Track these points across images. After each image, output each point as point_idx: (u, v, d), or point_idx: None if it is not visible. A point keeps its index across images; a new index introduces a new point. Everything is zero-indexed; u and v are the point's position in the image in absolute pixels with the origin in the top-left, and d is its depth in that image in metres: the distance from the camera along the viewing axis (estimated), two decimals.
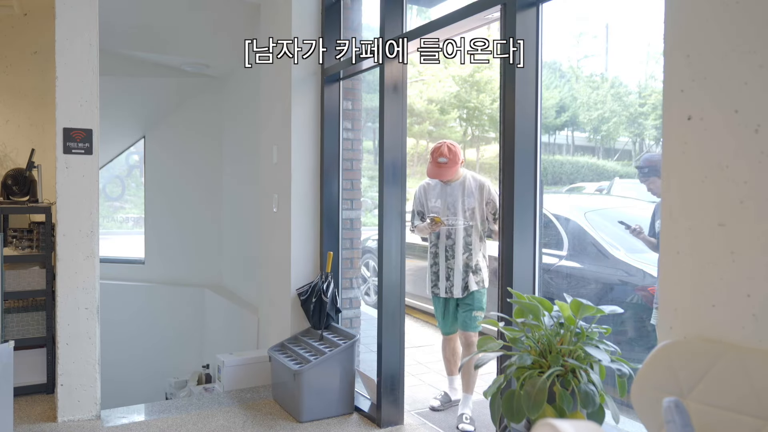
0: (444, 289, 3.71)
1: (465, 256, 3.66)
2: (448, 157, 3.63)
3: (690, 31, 1.63)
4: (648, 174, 3.59)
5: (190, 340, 6.20)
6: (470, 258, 3.66)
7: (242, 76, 5.64)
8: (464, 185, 3.71)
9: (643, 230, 3.66)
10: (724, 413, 1.46)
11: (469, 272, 3.66)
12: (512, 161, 2.48)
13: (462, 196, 3.68)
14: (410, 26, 3.46)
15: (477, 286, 3.66)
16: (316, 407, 3.55)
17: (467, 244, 3.67)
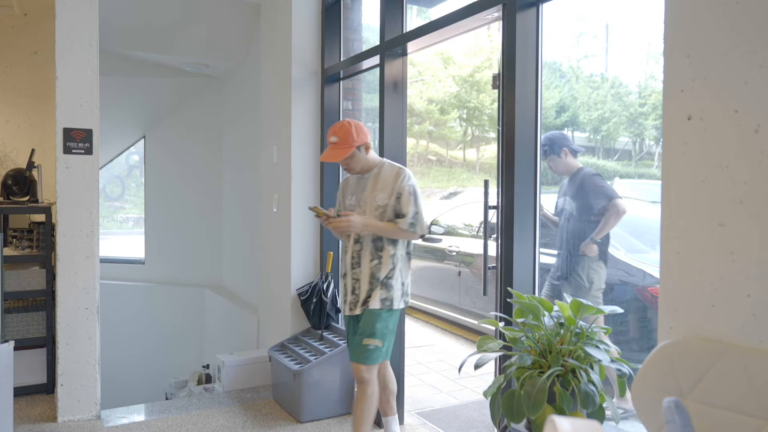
0: (349, 305, 2.97)
1: (373, 264, 2.90)
2: (339, 135, 2.87)
3: (690, 31, 1.63)
4: (548, 153, 3.56)
5: (190, 340, 6.20)
6: (378, 267, 2.89)
7: (242, 76, 5.64)
8: (378, 177, 2.94)
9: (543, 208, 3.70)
10: (724, 413, 1.46)
11: (376, 285, 2.89)
12: (512, 161, 2.48)
13: (373, 190, 2.93)
14: (410, 26, 3.46)
15: (379, 304, 2.85)
16: (316, 407, 3.55)
17: (377, 250, 2.91)
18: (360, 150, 2.90)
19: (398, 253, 2.94)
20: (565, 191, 3.70)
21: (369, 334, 2.85)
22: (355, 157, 2.90)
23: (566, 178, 3.69)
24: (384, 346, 2.88)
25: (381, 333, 2.85)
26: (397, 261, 2.93)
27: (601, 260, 3.66)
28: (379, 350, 2.86)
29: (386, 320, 2.87)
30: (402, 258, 2.95)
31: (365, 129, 2.94)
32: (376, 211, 2.89)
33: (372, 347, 2.84)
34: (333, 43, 4.09)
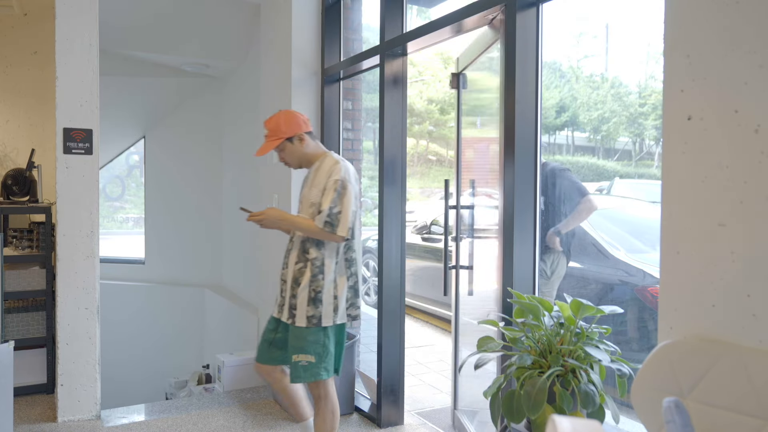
0: (277, 306, 2.75)
1: (297, 268, 2.64)
2: (268, 127, 2.71)
3: (690, 31, 1.63)
4: None
5: (190, 340, 6.20)
6: (302, 272, 2.61)
7: (242, 76, 5.64)
8: (317, 171, 2.69)
9: None
10: (724, 413, 1.46)
11: (298, 294, 2.61)
12: (512, 161, 2.48)
13: (311, 185, 2.70)
14: (410, 26, 3.46)
15: (306, 322, 2.58)
16: None
17: (303, 252, 2.63)
18: (292, 142, 2.68)
19: (326, 261, 2.61)
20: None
21: (298, 348, 2.60)
22: (287, 149, 2.70)
23: None
24: (320, 361, 2.60)
25: (313, 349, 2.59)
26: (326, 269, 2.60)
27: (565, 255, 3.62)
28: (314, 366, 2.59)
29: (316, 336, 2.61)
30: (332, 267, 2.62)
31: (301, 119, 2.72)
32: (310, 209, 2.63)
33: (304, 363, 2.59)
34: (333, 43, 4.08)
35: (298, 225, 2.62)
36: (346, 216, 2.55)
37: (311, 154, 2.74)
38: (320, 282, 2.60)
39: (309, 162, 2.75)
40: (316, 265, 2.61)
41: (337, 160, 2.68)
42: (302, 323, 2.59)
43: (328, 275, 2.61)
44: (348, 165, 2.67)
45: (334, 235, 2.54)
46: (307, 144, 2.72)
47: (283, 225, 2.69)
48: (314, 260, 2.61)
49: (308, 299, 2.59)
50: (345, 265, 2.66)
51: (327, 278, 2.60)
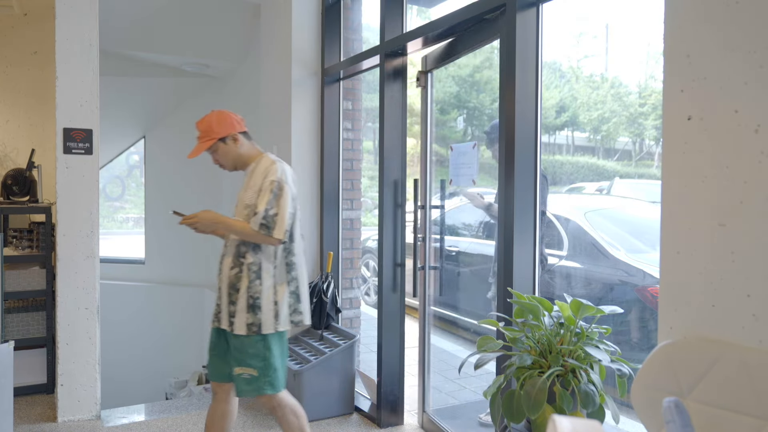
0: (214, 314, 2.61)
1: (233, 273, 2.52)
2: (200, 128, 2.61)
3: (690, 31, 1.63)
4: (494, 140, 3.40)
5: (190, 340, 6.20)
6: (239, 277, 2.50)
7: (242, 76, 5.64)
8: (253, 173, 2.60)
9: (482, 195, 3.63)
10: (724, 413, 1.47)
11: (237, 301, 2.49)
12: (512, 161, 2.48)
13: (246, 187, 2.60)
14: (410, 26, 3.46)
15: (245, 330, 2.46)
16: (316, 407, 3.55)
17: (239, 256, 2.52)
18: (226, 142, 2.58)
19: (263, 265, 2.49)
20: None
21: (240, 360, 2.48)
22: (220, 150, 2.59)
23: None
24: (263, 375, 2.47)
25: (254, 362, 2.47)
26: (264, 274, 2.48)
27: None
28: (258, 379, 2.47)
29: (256, 347, 2.47)
30: (271, 272, 2.50)
31: (234, 119, 2.62)
32: (245, 211, 2.53)
33: (247, 376, 2.47)
34: (333, 43, 4.09)
35: (233, 228, 2.51)
36: (282, 218, 2.44)
37: (246, 155, 2.63)
38: (258, 287, 2.47)
39: (244, 163, 2.64)
40: (252, 270, 2.49)
41: (273, 160, 2.57)
42: (241, 331, 2.46)
43: (267, 280, 2.49)
44: (285, 166, 2.57)
45: (270, 237, 2.43)
46: (242, 144, 2.62)
47: (218, 228, 2.57)
48: (251, 265, 2.49)
49: (247, 306, 2.46)
50: (285, 270, 2.54)
51: (265, 283, 2.49)
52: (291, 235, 2.53)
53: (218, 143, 2.58)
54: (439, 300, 6.52)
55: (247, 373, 2.47)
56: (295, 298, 2.56)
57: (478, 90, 9.74)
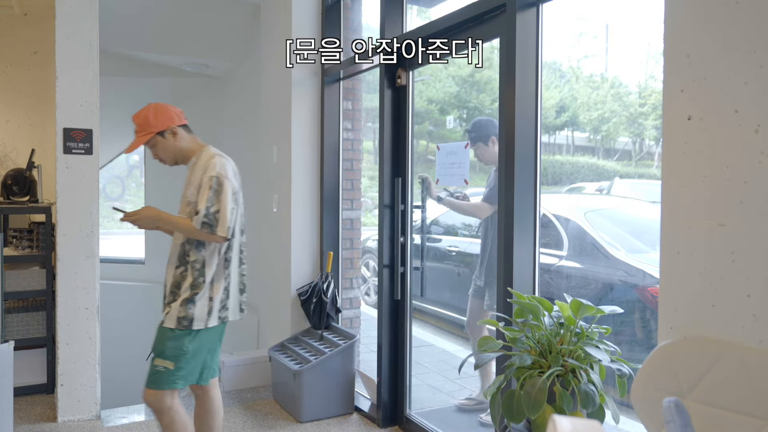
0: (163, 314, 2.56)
1: (178, 272, 2.51)
2: (136, 122, 2.57)
3: (690, 31, 1.63)
4: (475, 140, 3.39)
5: None
6: (184, 276, 2.48)
7: (242, 76, 5.64)
8: (194, 168, 2.54)
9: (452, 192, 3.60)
10: (724, 413, 1.46)
11: (176, 295, 2.47)
12: (512, 161, 2.48)
13: (188, 184, 2.55)
14: (410, 26, 3.46)
15: (175, 323, 2.42)
16: (316, 407, 3.55)
17: (184, 254, 2.50)
18: (164, 136, 2.51)
19: (207, 262, 2.45)
20: (490, 182, 3.55)
21: (158, 352, 2.43)
22: (159, 144, 2.53)
23: (493, 168, 3.55)
24: (178, 369, 2.42)
25: (173, 353, 2.41)
26: (207, 271, 2.45)
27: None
28: (170, 374, 2.41)
29: (181, 340, 2.42)
30: (213, 268, 2.47)
31: (173, 112, 2.55)
32: (187, 208, 2.48)
33: (161, 369, 2.41)
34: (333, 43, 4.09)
35: (176, 225, 2.48)
36: (224, 215, 2.39)
37: (187, 149, 2.56)
38: (200, 284, 2.44)
39: (185, 158, 2.58)
40: (196, 268, 2.45)
41: (213, 154, 2.51)
42: (171, 324, 2.42)
43: (208, 276, 2.46)
44: (225, 160, 2.50)
45: (214, 235, 2.38)
46: (181, 138, 2.55)
47: (161, 225, 2.55)
48: (194, 263, 2.46)
49: (183, 300, 2.43)
50: (223, 266, 2.50)
51: (207, 279, 2.46)
52: (233, 231, 2.47)
53: (156, 137, 2.53)
54: (440, 300, 6.53)
55: (163, 366, 2.42)
56: (226, 294, 2.52)
57: (478, 90, 9.74)
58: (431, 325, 6.40)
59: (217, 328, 2.53)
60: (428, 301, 6.67)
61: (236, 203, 2.49)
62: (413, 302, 3.55)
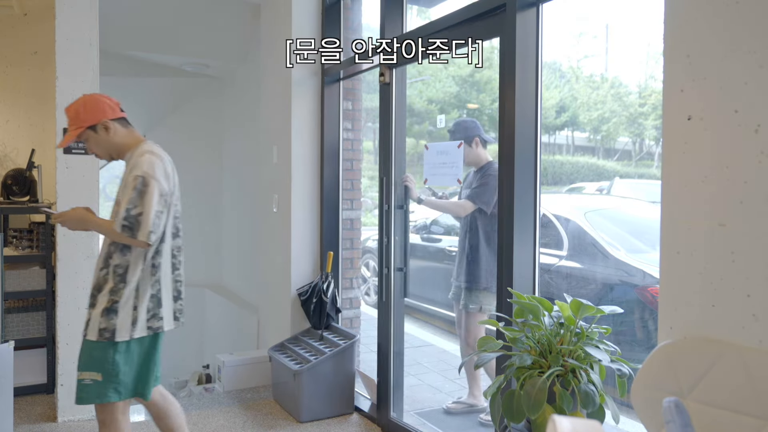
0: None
1: (101, 275, 2.33)
2: (68, 115, 2.39)
3: (690, 31, 1.63)
4: (457, 139, 3.37)
5: (190, 340, 6.19)
6: (105, 279, 2.30)
7: (242, 76, 5.64)
8: (127, 165, 2.39)
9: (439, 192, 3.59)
10: (724, 413, 1.46)
11: (95, 299, 2.31)
12: (512, 161, 2.48)
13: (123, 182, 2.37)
14: (410, 26, 3.45)
15: (96, 335, 2.27)
16: (316, 407, 3.55)
17: (107, 257, 2.32)
18: (96, 131, 2.34)
19: (130, 267, 2.28)
20: (469, 183, 3.54)
21: (84, 364, 2.28)
22: (91, 139, 2.36)
23: (472, 169, 3.55)
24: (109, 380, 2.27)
25: (99, 365, 2.27)
26: (129, 277, 2.28)
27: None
28: (100, 385, 2.26)
29: (105, 352, 2.27)
30: (137, 274, 2.29)
31: (106, 104, 2.38)
32: (116, 207, 2.33)
33: (88, 381, 2.26)
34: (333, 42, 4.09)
35: (100, 228, 2.34)
36: (147, 218, 2.21)
37: (122, 144, 2.38)
38: (121, 291, 2.27)
39: (120, 153, 2.40)
40: (118, 273, 2.28)
41: (144, 150, 2.32)
42: (92, 336, 2.27)
43: (131, 284, 2.29)
44: (157, 158, 2.30)
45: (135, 240, 2.22)
46: (115, 132, 2.37)
47: (88, 227, 2.38)
48: (116, 267, 2.29)
49: (103, 310, 2.26)
50: (150, 272, 2.32)
51: (129, 287, 2.29)
52: (157, 236, 2.29)
53: (87, 132, 2.36)
54: (440, 300, 6.53)
55: (90, 378, 2.27)
56: (156, 302, 2.36)
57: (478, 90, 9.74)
58: (431, 325, 6.40)
59: (148, 339, 2.39)
60: (428, 301, 6.67)
61: (165, 206, 2.30)
62: (415, 302, 3.52)
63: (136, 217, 2.21)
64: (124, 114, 2.45)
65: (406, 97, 3.47)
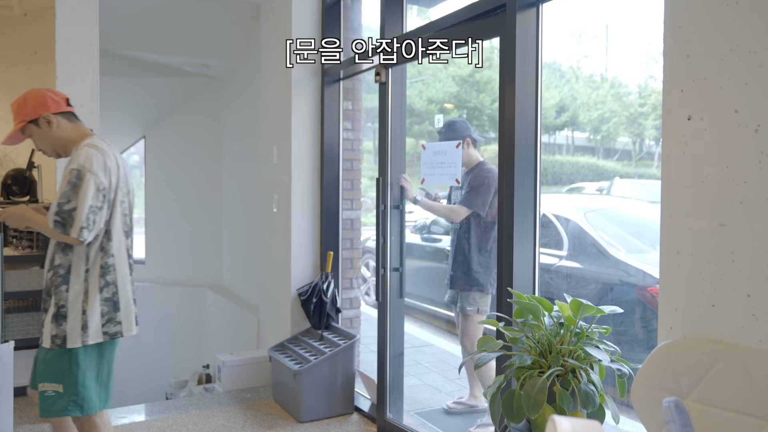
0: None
1: (49, 276, 2.23)
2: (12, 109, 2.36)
3: (690, 32, 1.63)
4: (447, 140, 3.37)
5: (190, 340, 6.20)
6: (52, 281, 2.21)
7: (242, 76, 5.64)
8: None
9: (436, 194, 3.58)
10: (724, 413, 1.47)
11: (47, 303, 2.22)
12: (512, 161, 2.48)
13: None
14: (410, 26, 3.45)
15: (49, 342, 2.18)
16: (316, 407, 3.55)
17: (52, 258, 2.23)
18: (38, 125, 2.26)
19: (72, 268, 2.18)
20: (463, 184, 3.53)
21: (43, 375, 2.19)
22: (35, 134, 2.27)
23: (464, 170, 3.53)
24: (69, 393, 2.17)
25: (58, 377, 2.17)
26: (72, 279, 2.18)
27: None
28: (61, 398, 2.17)
29: (60, 361, 2.18)
30: (81, 276, 2.19)
31: (49, 98, 2.30)
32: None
33: (50, 393, 2.17)
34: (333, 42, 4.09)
35: (38, 225, 2.21)
36: (80, 214, 2.10)
37: (66, 138, 2.29)
38: (64, 294, 2.17)
39: (66, 149, 2.31)
40: (59, 274, 2.18)
41: (84, 144, 2.22)
42: (46, 344, 2.18)
43: (75, 285, 2.18)
44: (97, 151, 2.19)
45: (67, 237, 2.11)
46: (59, 127, 2.28)
47: (31, 224, 2.26)
48: (58, 268, 2.19)
49: (52, 315, 2.17)
50: (99, 273, 2.21)
51: (73, 289, 2.18)
52: (108, 232, 2.21)
53: (30, 126, 2.27)
54: (440, 300, 6.52)
55: (52, 390, 2.18)
56: (111, 305, 2.24)
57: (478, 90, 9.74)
58: (431, 325, 6.40)
59: (105, 345, 2.28)
60: (428, 301, 6.67)
61: (104, 202, 2.17)
62: (415, 302, 3.51)
63: (70, 212, 2.11)
64: (71, 108, 2.37)
65: (405, 97, 3.47)
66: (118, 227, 2.27)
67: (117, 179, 2.25)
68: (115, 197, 2.25)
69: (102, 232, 2.22)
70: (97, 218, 2.16)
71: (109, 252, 2.24)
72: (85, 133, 2.34)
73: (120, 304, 2.27)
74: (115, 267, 2.25)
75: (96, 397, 2.25)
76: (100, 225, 2.18)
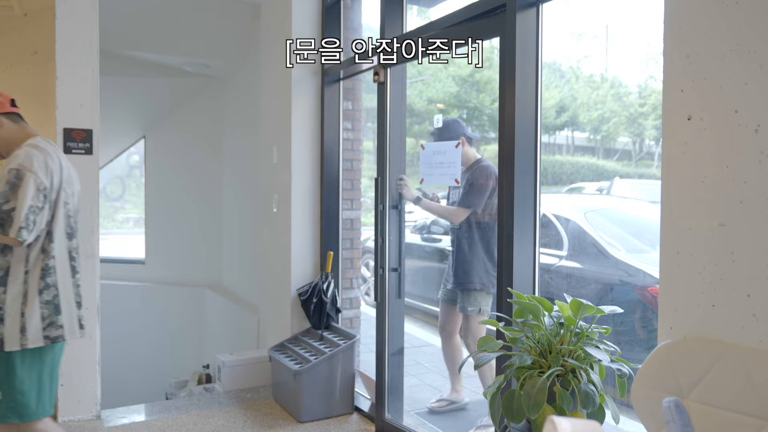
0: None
1: None
2: None
3: (690, 32, 1.63)
4: (442, 139, 3.36)
5: (190, 340, 6.20)
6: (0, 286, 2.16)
7: (242, 76, 5.64)
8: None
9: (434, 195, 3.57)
10: (724, 413, 1.47)
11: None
12: (512, 161, 2.48)
13: None
14: (410, 26, 3.45)
15: None
16: (316, 407, 3.55)
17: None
18: None
19: (12, 269, 2.14)
20: (461, 184, 3.51)
21: None
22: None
23: (461, 169, 3.52)
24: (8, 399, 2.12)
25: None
26: (10, 280, 2.14)
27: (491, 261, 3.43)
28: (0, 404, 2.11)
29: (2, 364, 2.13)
30: (21, 277, 2.15)
31: None
32: None
33: None
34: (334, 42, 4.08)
35: None
36: (19, 214, 2.06)
37: (10, 139, 2.26)
38: (0, 296, 2.12)
39: (9, 150, 2.26)
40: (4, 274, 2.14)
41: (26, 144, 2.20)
42: None
43: (13, 287, 2.14)
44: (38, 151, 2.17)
45: (6, 237, 2.07)
46: (3, 128, 2.26)
47: None
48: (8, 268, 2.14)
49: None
50: (39, 275, 2.17)
51: (11, 291, 2.13)
52: (50, 234, 2.18)
53: None
54: None
55: None
56: (53, 308, 2.19)
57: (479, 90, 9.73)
58: (431, 325, 6.40)
59: (46, 350, 2.20)
60: (428, 301, 6.67)
61: (45, 202, 2.15)
62: (415, 302, 3.50)
63: (8, 212, 2.07)
64: (15, 109, 2.34)
65: (405, 96, 3.47)
66: (61, 229, 2.24)
67: (60, 180, 2.23)
68: (57, 198, 2.22)
69: (43, 233, 2.18)
70: (38, 219, 2.13)
71: (50, 254, 2.20)
72: (29, 134, 2.31)
73: (62, 307, 2.22)
74: (56, 269, 2.22)
75: (35, 403, 2.18)
76: (41, 226, 2.15)
